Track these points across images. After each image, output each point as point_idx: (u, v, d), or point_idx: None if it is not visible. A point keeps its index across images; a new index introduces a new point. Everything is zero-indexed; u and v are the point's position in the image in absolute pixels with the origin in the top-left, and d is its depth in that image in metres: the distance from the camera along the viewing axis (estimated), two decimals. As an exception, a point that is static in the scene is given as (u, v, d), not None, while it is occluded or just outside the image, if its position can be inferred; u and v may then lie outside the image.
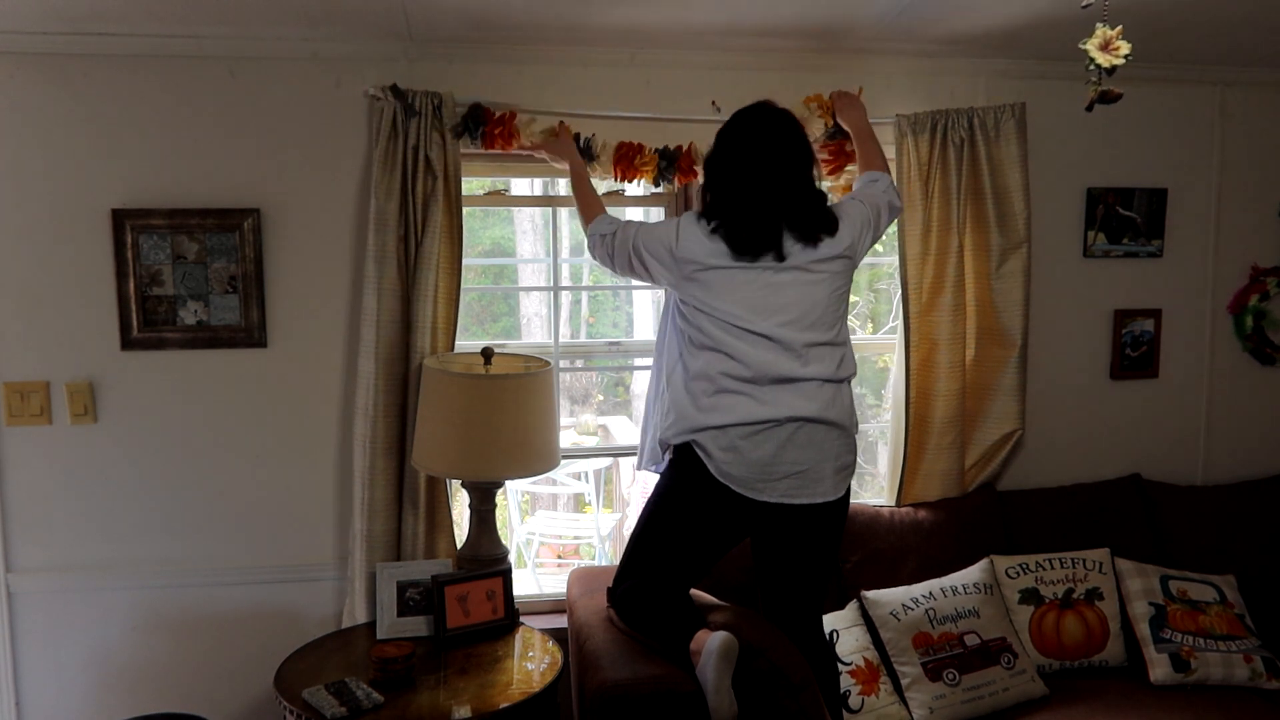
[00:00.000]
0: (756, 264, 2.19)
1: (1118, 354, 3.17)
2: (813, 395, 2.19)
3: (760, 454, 2.16)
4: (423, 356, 2.62)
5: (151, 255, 2.64)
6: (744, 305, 2.19)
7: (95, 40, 2.55)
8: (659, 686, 2.08)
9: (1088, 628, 2.67)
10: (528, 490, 5.44)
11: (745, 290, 2.19)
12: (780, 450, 2.16)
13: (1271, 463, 3.30)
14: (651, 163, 2.74)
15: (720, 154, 2.27)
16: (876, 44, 2.76)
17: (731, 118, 2.30)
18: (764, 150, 2.20)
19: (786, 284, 2.20)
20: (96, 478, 2.70)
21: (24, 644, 2.71)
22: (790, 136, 2.23)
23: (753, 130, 2.23)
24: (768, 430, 2.16)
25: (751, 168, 2.20)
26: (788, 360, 2.18)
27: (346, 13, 2.43)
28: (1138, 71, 2.94)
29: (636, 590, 2.26)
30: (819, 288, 2.22)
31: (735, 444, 2.16)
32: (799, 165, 2.22)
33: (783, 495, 2.18)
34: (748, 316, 2.18)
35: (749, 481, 2.17)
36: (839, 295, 2.27)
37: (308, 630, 2.77)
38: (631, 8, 2.41)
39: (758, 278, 2.19)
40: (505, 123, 2.63)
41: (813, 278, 2.21)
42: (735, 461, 2.16)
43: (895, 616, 2.57)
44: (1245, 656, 2.60)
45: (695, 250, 2.22)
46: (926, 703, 2.44)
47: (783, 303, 2.19)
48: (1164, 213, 3.14)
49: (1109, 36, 1.79)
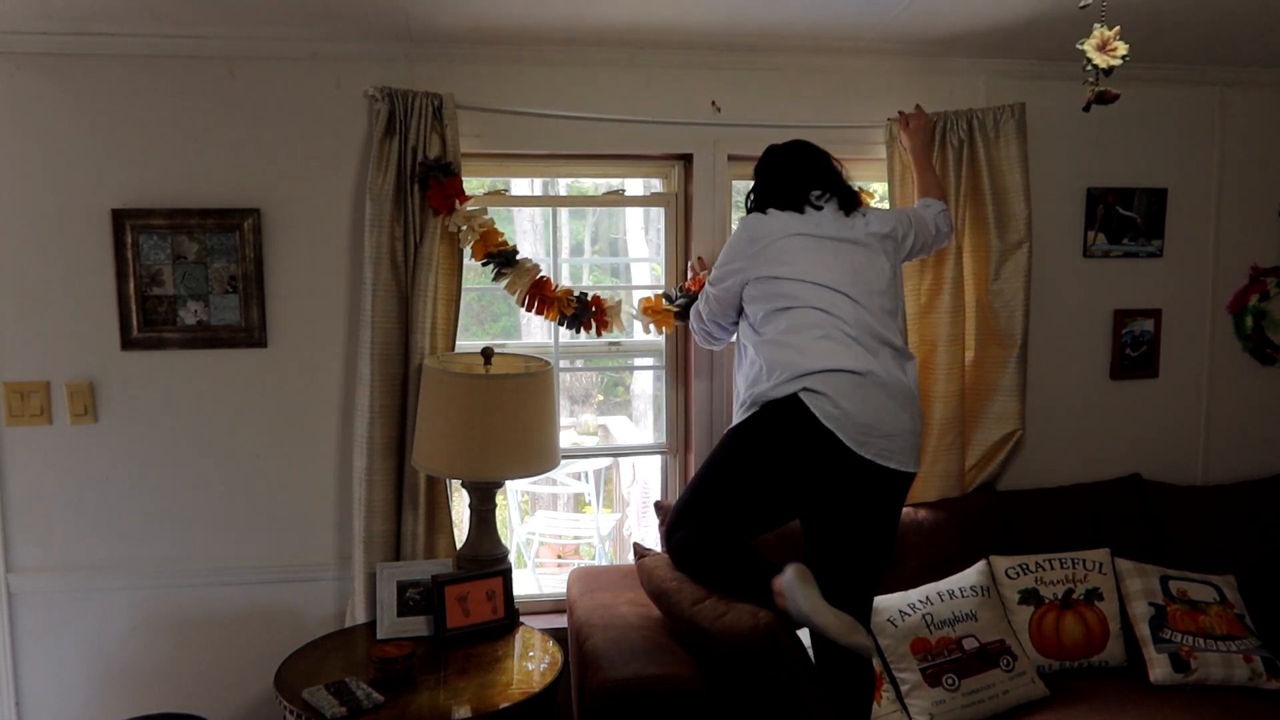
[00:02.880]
0: (825, 235, 2.31)
1: (1118, 354, 3.18)
2: (891, 362, 2.25)
3: (867, 406, 2.17)
4: (422, 357, 2.62)
5: (151, 255, 2.64)
6: (820, 265, 2.28)
7: (95, 40, 2.55)
8: (659, 686, 2.08)
9: (1087, 628, 2.67)
10: (528, 490, 5.44)
11: (817, 254, 2.30)
12: (880, 408, 2.18)
13: (1271, 463, 3.30)
14: (564, 301, 2.73)
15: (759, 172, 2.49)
16: (876, 44, 2.77)
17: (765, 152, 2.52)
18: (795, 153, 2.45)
19: (850, 252, 2.32)
20: (96, 478, 2.71)
21: (24, 644, 2.71)
22: (818, 151, 2.47)
23: (784, 147, 2.49)
24: (872, 382, 2.18)
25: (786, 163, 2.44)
26: (868, 316, 2.26)
27: (346, 13, 2.43)
28: (1137, 71, 2.95)
29: (700, 538, 2.25)
30: (879, 261, 2.34)
31: (846, 390, 2.16)
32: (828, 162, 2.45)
33: (877, 454, 2.17)
34: (825, 274, 2.27)
35: (856, 431, 2.16)
36: (896, 273, 2.38)
37: (308, 630, 2.77)
38: (631, 8, 2.41)
39: (825, 245, 2.31)
40: (448, 194, 2.59)
41: (870, 252, 2.34)
42: (849, 407, 2.15)
43: (892, 623, 2.56)
44: (1245, 656, 2.60)
45: (761, 228, 2.35)
46: (927, 709, 2.44)
47: (852, 266, 2.29)
48: (1164, 213, 3.14)
49: (1106, 37, 1.79)
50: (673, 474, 3.09)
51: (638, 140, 2.81)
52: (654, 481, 3.89)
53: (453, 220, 2.61)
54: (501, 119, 2.71)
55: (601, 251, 7.10)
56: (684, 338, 2.97)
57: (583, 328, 2.76)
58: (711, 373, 2.94)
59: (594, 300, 2.76)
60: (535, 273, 2.71)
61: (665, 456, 3.10)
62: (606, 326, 2.78)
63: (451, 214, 2.61)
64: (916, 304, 2.88)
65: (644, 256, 6.37)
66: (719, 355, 2.93)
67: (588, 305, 2.75)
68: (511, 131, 2.74)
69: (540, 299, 2.72)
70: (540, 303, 2.73)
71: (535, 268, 2.71)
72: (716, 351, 2.88)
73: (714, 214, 2.87)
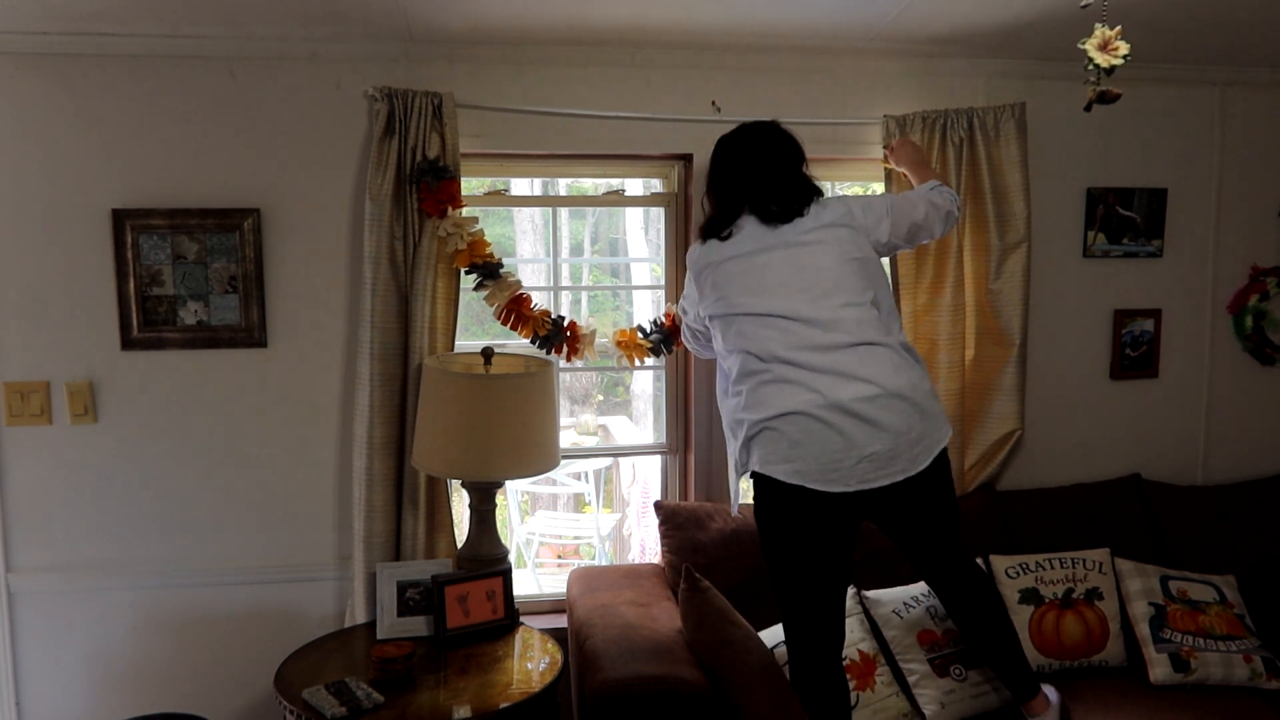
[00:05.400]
0: (748, 251, 2.25)
1: (1118, 354, 3.18)
2: (856, 367, 2.10)
3: (821, 443, 2.08)
4: (422, 356, 2.62)
5: (151, 255, 2.64)
6: (748, 290, 2.22)
7: (95, 40, 2.55)
8: (659, 686, 2.08)
9: (1087, 628, 2.67)
10: (528, 490, 5.44)
11: (745, 277, 2.24)
12: (840, 434, 2.07)
13: (1271, 463, 3.30)
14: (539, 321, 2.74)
15: (708, 175, 2.41)
16: (876, 44, 2.77)
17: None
18: (733, 155, 2.34)
19: (781, 260, 2.21)
20: (96, 478, 2.71)
21: (24, 644, 2.72)
22: (760, 138, 2.33)
23: (726, 145, 2.37)
24: (817, 416, 2.09)
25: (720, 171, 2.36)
26: (810, 332, 2.13)
27: (346, 13, 2.43)
28: (1138, 71, 2.95)
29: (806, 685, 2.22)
30: (822, 255, 2.20)
31: (795, 439, 2.09)
32: (768, 158, 2.30)
33: (860, 481, 2.09)
34: (755, 300, 2.20)
35: (820, 474, 2.08)
36: (853, 261, 2.22)
37: (308, 630, 2.77)
38: (632, 8, 2.41)
39: (752, 262, 2.24)
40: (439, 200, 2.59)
41: (809, 249, 2.21)
42: (798, 457, 2.09)
43: (897, 615, 2.57)
44: (1245, 656, 2.60)
45: (698, 259, 2.35)
46: (937, 698, 2.44)
47: (782, 277, 2.20)
48: (1164, 213, 3.14)
49: (1108, 37, 1.79)
50: (673, 474, 3.09)
51: (638, 140, 2.81)
52: (654, 481, 3.89)
53: (442, 225, 2.61)
54: (501, 119, 2.71)
55: (601, 251, 7.10)
56: (684, 338, 2.98)
57: (554, 350, 2.78)
58: (711, 373, 2.94)
59: (569, 325, 2.77)
60: (516, 288, 2.72)
61: (665, 456, 3.10)
62: (577, 353, 2.80)
63: (443, 218, 2.61)
64: (916, 303, 2.88)
65: (644, 256, 6.38)
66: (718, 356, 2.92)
67: (562, 330, 2.76)
68: (511, 131, 2.74)
69: (517, 315, 2.73)
70: (516, 319, 2.73)
71: (516, 283, 2.71)
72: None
73: (714, 214, 2.87)
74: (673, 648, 2.25)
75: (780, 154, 2.32)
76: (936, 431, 2.17)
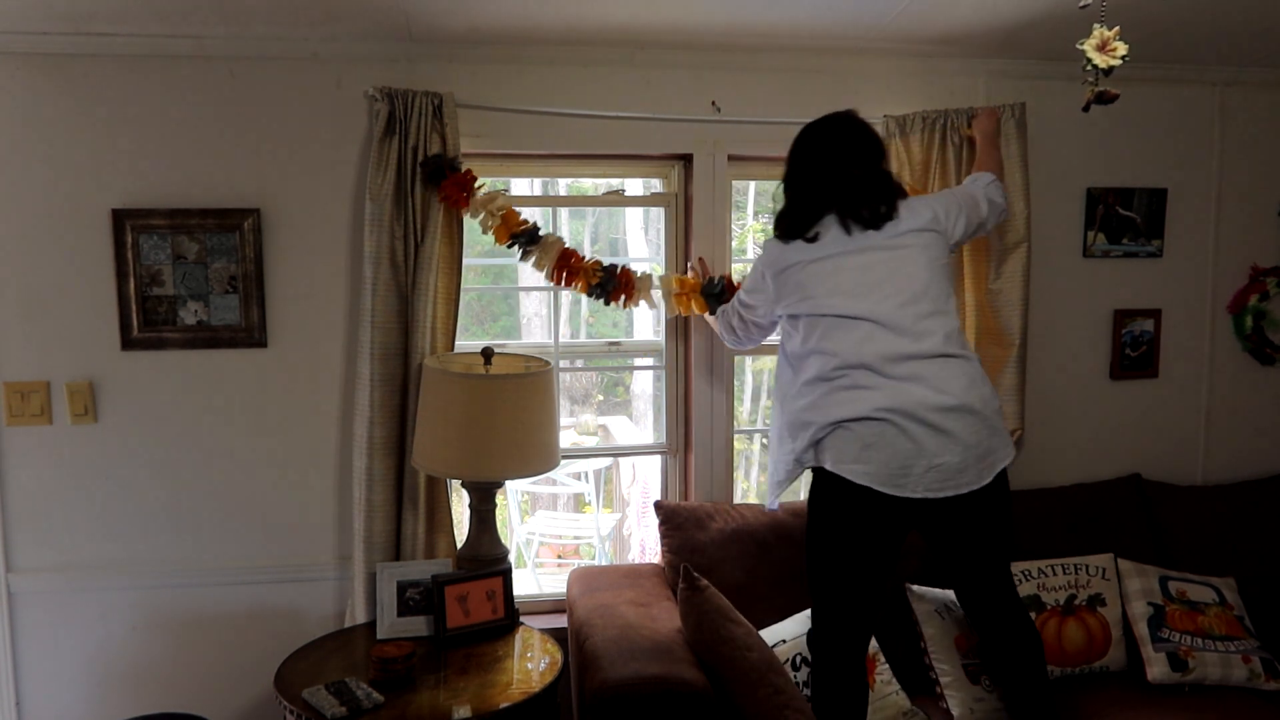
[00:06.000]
0: (839, 252, 2.23)
1: (1118, 354, 3.18)
2: (936, 376, 2.13)
3: (893, 448, 2.10)
4: (422, 356, 2.62)
5: (152, 255, 2.65)
6: (839, 292, 2.21)
7: (95, 40, 2.55)
8: (659, 686, 2.08)
9: (1089, 634, 2.65)
10: (528, 490, 5.44)
11: (836, 277, 2.22)
12: (912, 441, 2.09)
13: (1271, 463, 3.30)
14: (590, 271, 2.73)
15: (786, 166, 2.38)
16: (876, 44, 2.77)
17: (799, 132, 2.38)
18: (816, 150, 2.30)
19: (875, 263, 2.22)
20: (97, 477, 2.71)
21: (24, 644, 2.72)
22: (844, 132, 2.31)
23: (808, 137, 2.34)
24: (892, 420, 2.11)
25: (804, 167, 2.31)
26: (894, 338, 2.15)
27: (346, 13, 2.43)
28: (1137, 71, 2.95)
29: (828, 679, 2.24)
30: (912, 261, 2.22)
31: (868, 440, 2.11)
32: (852, 156, 2.28)
33: (926, 489, 2.11)
34: (845, 302, 2.19)
35: (889, 478, 2.11)
36: (941, 267, 2.26)
37: (308, 630, 2.77)
38: (631, 8, 2.41)
39: (845, 262, 2.22)
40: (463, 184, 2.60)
41: (901, 253, 2.23)
42: (870, 459, 2.11)
43: (940, 615, 2.56)
44: (1244, 657, 2.60)
45: (779, 258, 2.32)
46: (966, 702, 2.44)
47: (876, 280, 2.20)
48: (1164, 213, 3.14)
49: (1106, 37, 1.79)
50: (673, 474, 3.09)
51: (638, 140, 2.81)
52: (654, 481, 3.89)
53: (471, 209, 2.62)
54: (501, 119, 2.72)
55: (601, 251, 7.10)
56: (685, 337, 2.97)
57: (610, 298, 2.75)
58: (711, 373, 2.94)
59: (623, 272, 2.75)
60: (560, 245, 2.71)
61: (665, 456, 3.10)
62: (632, 298, 2.77)
63: (468, 204, 2.61)
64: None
65: (644, 256, 6.38)
66: (719, 356, 2.93)
67: (615, 274, 2.74)
68: (511, 131, 2.74)
69: (568, 270, 2.71)
70: (568, 274, 2.71)
71: (559, 240, 2.71)
72: (728, 349, 2.88)
73: (714, 214, 2.87)
74: (673, 648, 2.25)
75: (868, 153, 2.30)
76: (1002, 449, 2.19)
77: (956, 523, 2.20)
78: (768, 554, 2.71)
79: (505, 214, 2.66)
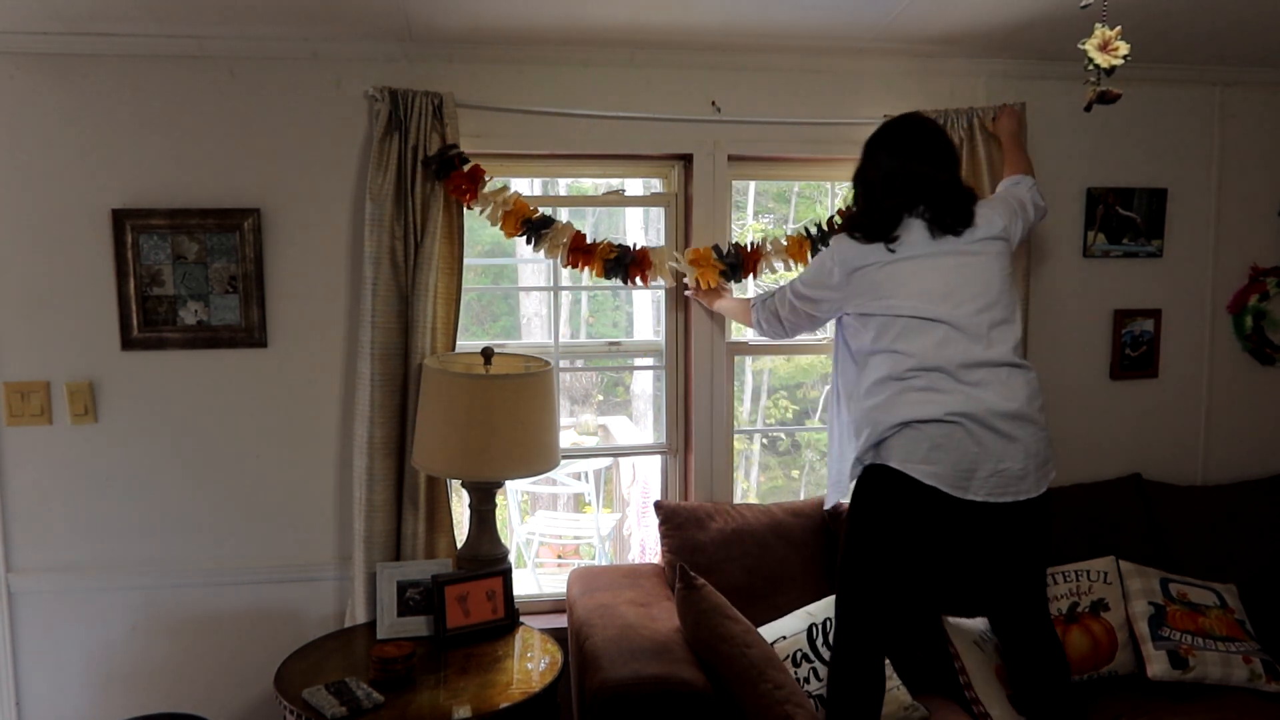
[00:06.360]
0: (919, 254, 2.23)
1: (1117, 354, 3.18)
2: (1004, 384, 2.17)
3: (961, 450, 2.13)
4: (423, 357, 2.62)
5: (152, 255, 2.64)
6: (918, 295, 2.21)
7: (95, 40, 2.55)
8: (659, 686, 2.08)
9: (1094, 640, 2.64)
10: (528, 490, 5.44)
11: (916, 280, 2.22)
12: (979, 445, 2.13)
13: (1271, 463, 3.30)
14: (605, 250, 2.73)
15: (862, 164, 2.36)
16: (876, 44, 2.77)
17: (875, 130, 2.37)
18: (901, 151, 2.28)
19: (955, 267, 2.23)
20: (97, 478, 2.71)
21: (24, 644, 2.72)
22: (927, 137, 2.30)
23: (891, 138, 2.32)
24: (962, 424, 2.13)
25: (889, 168, 2.29)
26: (969, 344, 2.18)
27: (346, 13, 2.43)
28: (1138, 72, 2.95)
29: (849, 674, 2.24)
30: (989, 269, 2.25)
31: (937, 441, 2.13)
32: (938, 160, 2.28)
33: (989, 494, 2.14)
34: (923, 304, 2.20)
35: (954, 479, 2.13)
36: (1007, 276, 2.29)
37: (308, 630, 2.77)
38: (631, 8, 2.41)
39: (925, 264, 2.23)
40: (474, 178, 2.61)
41: (978, 259, 2.25)
42: (938, 459, 2.13)
43: (979, 646, 2.53)
44: (1245, 657, 2.59)
45: (855, 257, 2.28)
46: None
47: (954, 285, 2.21)
48: (1164, 213, 3.14)
49: (1108, 37, 1.79)
50: (673, 474, 3.09)
51: (638, 140, 2.81)
52: (654, 481, 3.89)
53: (479, 202, 2.63)
54: (501, 118, 2.71)
55: (601, 251, 7.08)
56: (684, 337, 2.97)
57: (628, 276, 2.75)
58: (711, 373, 2.94)
59: (641, 250, 2.76)
60: (571, 229, 2.72)
61: (665, 456, 3.10)
62: (650, 274, 2.76)
63: (476, 198, 2.62)
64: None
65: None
66: (718, 356, 2.92)
67: (631, 251, 2.75)
68: (511, 131, 2.74)
69: (582, 251, 2.72)
70: (583, 256, 2.72)
71: (569, 225, 2.72)
72: (728, 348, 2.88)
73: (714, 214, 2.87)
74: (672, 647, 2.25)
75: (951, 157, 2.31)
76: (1052, 461, 2.26)
77: (1007, 532, 2.22)
78: (768, 554, 2.71)
79: (515, 204, 2.67)
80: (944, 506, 2.14)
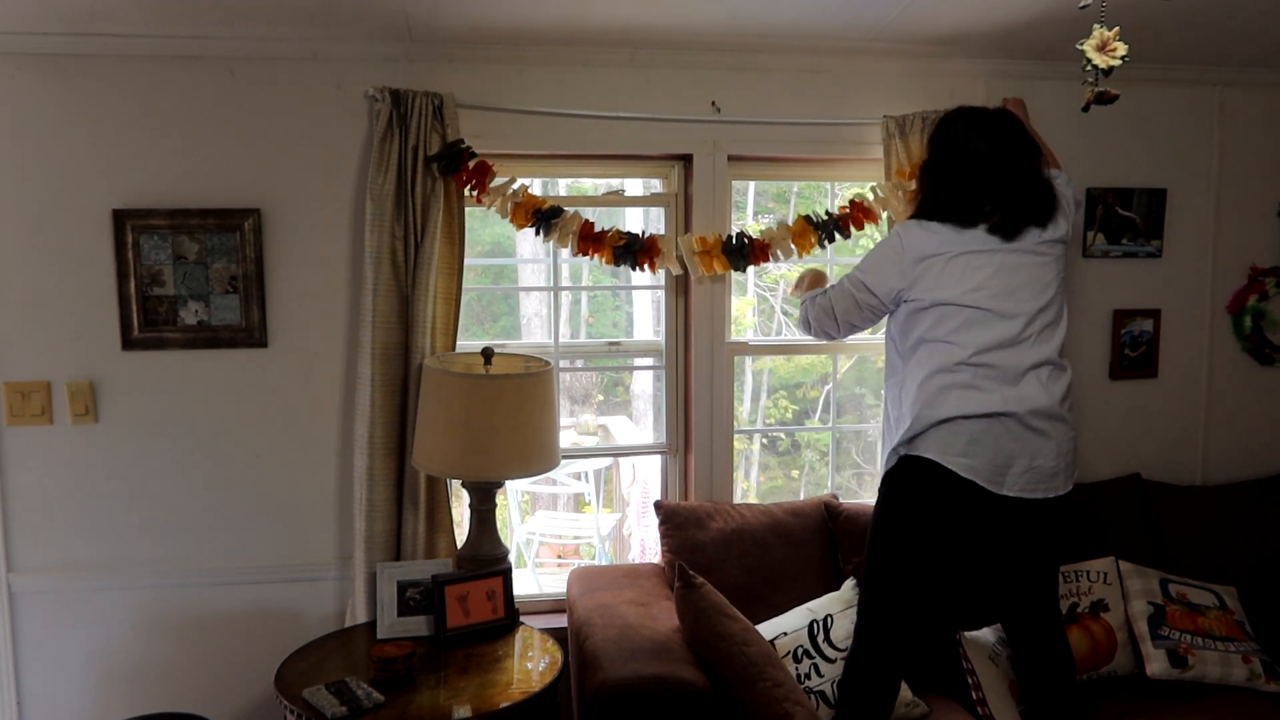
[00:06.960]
0: (989, 249, 2.24)
1: (1117, 354, 3.18)
2: (1045, 383, 2.21)
3: (998, 445, 2.16)
4: (423, 357, 2.62)
5: (152, 255, 2.65)
6: (984, 288, 2.22)
7: (95, 40, 2.55)
8: (659, 686, 2.08)
9: (1094, 641, 2.64)
10: (528, 490, 5.44)
11: (983, 273, 2.23)
12: (1015, 441, 2.17)
13: (1271, 463, 3.31)
14: (614, 238, 2.74)
15: (936, 154, 2.36)
16: (876, 44, 2.77)
17: (942, 120, 2.38)
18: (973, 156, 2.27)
19: (1019, 266, 2.25)
20: (97, 478, 2.71)
21: (24, 644, 2.72)
22: (1005, 128, 2.30)
23: (967, 126, 2.31)
24: (1001, 420, 2.16)
25: (968, 160, 2.28)
26: (1021, 342, 2.21)
27: (346, 13, 2.43)
28: (1137, 72, 2.95)
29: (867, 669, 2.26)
30: (1048, 270, 2.28)
31: (975, 435, 2.16)
32: (1015, 155, 2.28)
33: (1021, 489, 2.18)
34: (987, 299, 2.21)
35: (991, 474, 2.16)
36: (1062, 279, 2.32)
37: (308, 630, 2.77)
38: (631, 8, 2.42)
39: (994, 260, 2.24)
40: (483, 171, 2.63)
41: (1042, 260, 2.28)
42: (977, 454, 2.15)
43: (994, 661, 2.53)
44: (1244, 657, 2.60)
45: (924, 245, 2.28)
46: None
47: (1019, 283, 2.24)
48: (1163, 213, 3.14)
49: (1106, 37, 1.79)
50: (673, 474, 3.09)
51: (638, 140, 2.81)
52: (654, 481, 3.89)
53: (489, 197, 2.64)
54: (501, 118, 2.72)
55: (601, 251, 7.08)
56: (684, 337, 2.98)
57: (637, 262, 2.76)
58: (711, 373, 2.94)
59: (650, 238, 2.77)
60: (580, 218, 2.73)
61: (665, 456, 3.10)
62: (657, 258, 2.77)
63: (487, 192, 2.63)
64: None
65: (644, 256, 6.37)
66: (718, 356, 2.93)
67: (638, 237, 2.76)
68: (511, 131, 2.74)
69: (591, 239, 2.73)
70: (593, 244, 2.74)
71: (577, 214, 2.73)
72: (728, 348, 2.87)
73: (714, 214, 2.87)
74: (672, 647, 2.25)
75: (1033, 154, 2.31)
76: (1077, 460, 2.30)
77: (1034, 528, 2.25)
78: (767, 554, 2.71)
79: (524, 196, 2.68)
80: (978, 500, 2.17)
